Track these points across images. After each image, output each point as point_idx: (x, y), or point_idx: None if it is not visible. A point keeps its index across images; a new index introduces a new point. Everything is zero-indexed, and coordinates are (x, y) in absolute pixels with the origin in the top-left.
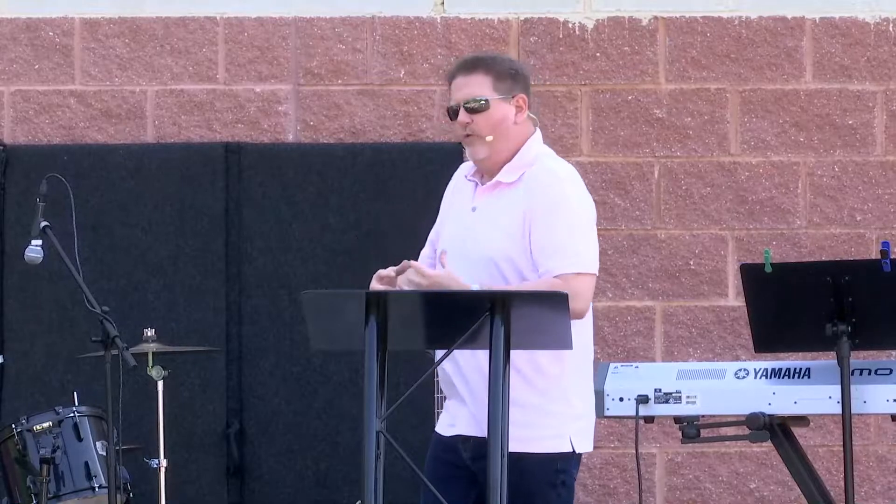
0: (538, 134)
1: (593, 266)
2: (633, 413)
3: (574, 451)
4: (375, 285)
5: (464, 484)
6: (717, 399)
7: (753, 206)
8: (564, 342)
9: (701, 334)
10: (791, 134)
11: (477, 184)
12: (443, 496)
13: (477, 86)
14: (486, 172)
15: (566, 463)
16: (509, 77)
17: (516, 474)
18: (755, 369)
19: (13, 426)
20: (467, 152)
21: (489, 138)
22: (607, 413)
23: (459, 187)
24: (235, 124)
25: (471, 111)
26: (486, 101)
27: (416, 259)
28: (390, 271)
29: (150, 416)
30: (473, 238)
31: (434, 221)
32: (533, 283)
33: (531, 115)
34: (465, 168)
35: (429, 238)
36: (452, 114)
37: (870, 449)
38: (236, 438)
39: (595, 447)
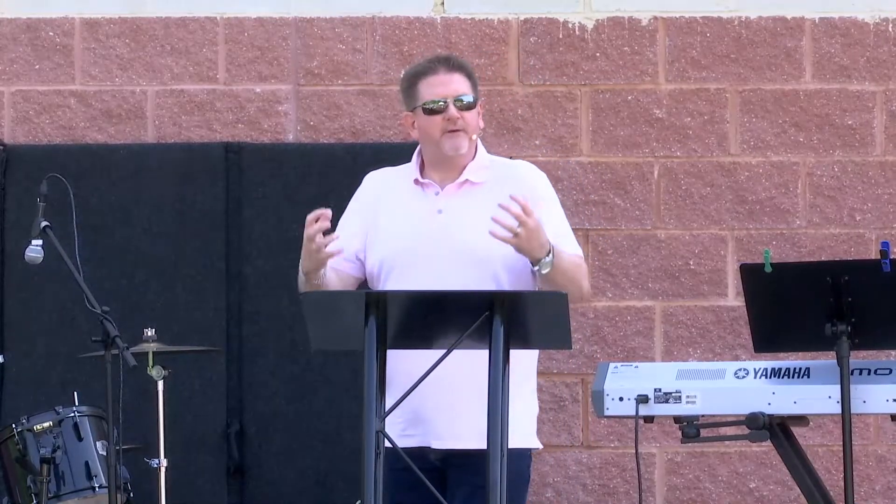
0: (479, 140)
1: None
2: (632, 413)
3: (538, 447)
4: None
5: (434, 486)
6: (717, 399)
7: (753, 206)
8: (564, 342)
9: (701, 334)
10: (791, 134)
11: (425, 186)
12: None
13: (462, 84)
14: (443, 171)
15: (531, 459)
16: (476, 83)
17: (510, 469)
18: (755, 369)
19: (13, 426)
20: (447, 145)
21: (474, 137)
22: (607, 413)
23: (396, 191)
24: (235, 124)
25: (461, 107)
26: (475, 100)
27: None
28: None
29: (150, 416)
30: (450, 238)
31: None
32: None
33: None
34: (381, 173)
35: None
36: (436, 109)
37: (869, 449)
38: (236, 438)
39: (595, 447)
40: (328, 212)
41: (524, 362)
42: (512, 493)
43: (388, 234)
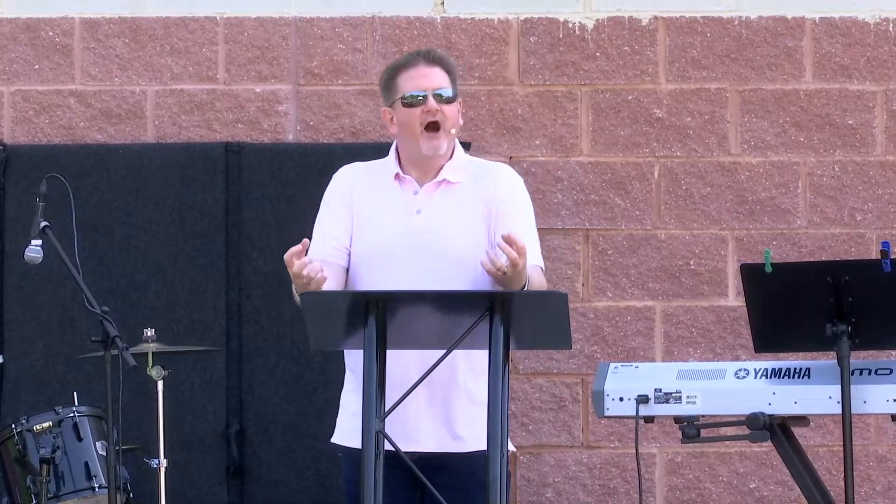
0: (457, 140)
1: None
2: (633, 413)
3: (511, 449)
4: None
5: (408, 487)
6: (717, 399)
7: (753, 206)
8: (564, 342)
9: (701, 334)
10: (791, 134)
11: (404, 181)
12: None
13: (441, 78)
14: (419, 170)
15: (507, 461)
16: (455, 79)
17: (482, 471)
18: (755, 369)
19: (13, 426)
20: (426, 146)
21: (454, 131)
22: (607, 413)
23: (373, 186)
24: (235, 124)
25: (440, 101)
26: (454, 94)
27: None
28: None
29: (150, 416)
30: (429, 239)
31: None
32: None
33: None
34: (354, 168)
35: (326, 232)
36: (414, 101)
37: (870, 449)
38: (236, 438)
39: (595, 447)
40: (306, 241)
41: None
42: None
43: (368, 230)
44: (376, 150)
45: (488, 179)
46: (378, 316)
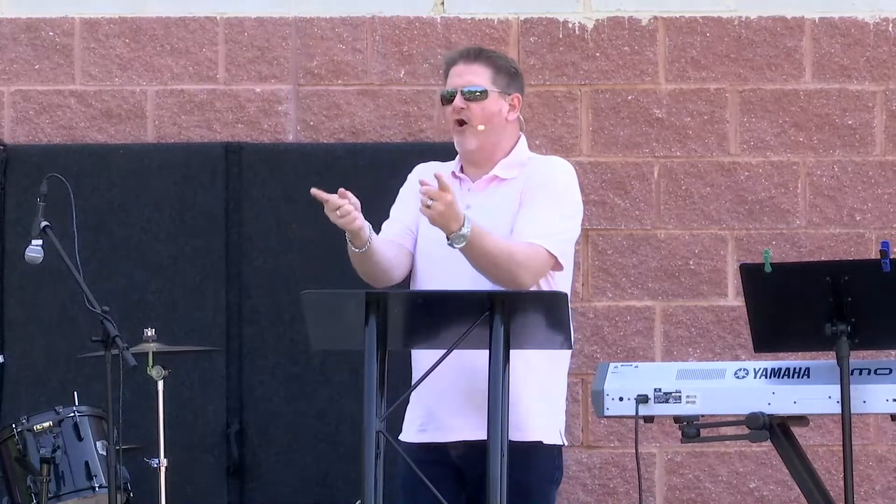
0: (524, 137)
1: (557, 250)
2: (632, 413)
3: (563, 444)
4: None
5: (452, 483)
6: (717, 399)
7: (753, 206)
8: (564, 342)
9: (701, 334)
10: (791, 134)
11: (462, 180)
12: (433, 500)
13: (476, 75)
14: (474, 167)
15: (560, 457)
16: (508, 74)
17: (523, 468)
18: (755, 369)
19: (13, 426)
20: (457, 143)
21: (481, 128)
22: (607, 413)
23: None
24: (235, 124)
25: (468, 99)
26: (485, 91)
27: (377, 233)
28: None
29: (150, 416)
30: None
31: None
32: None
33: (520, 117)
34: (428, 166)
35: (394, 217)
36: (447, 99)
37: (869, 449)
38: (236, 438)
39: (595, 447)
40: (341, 191)
41: (557, 358)
42: (536, 495)
43: (424, 225)
44: (376, 150)
45: (529, 171)
46: (378, 316)
